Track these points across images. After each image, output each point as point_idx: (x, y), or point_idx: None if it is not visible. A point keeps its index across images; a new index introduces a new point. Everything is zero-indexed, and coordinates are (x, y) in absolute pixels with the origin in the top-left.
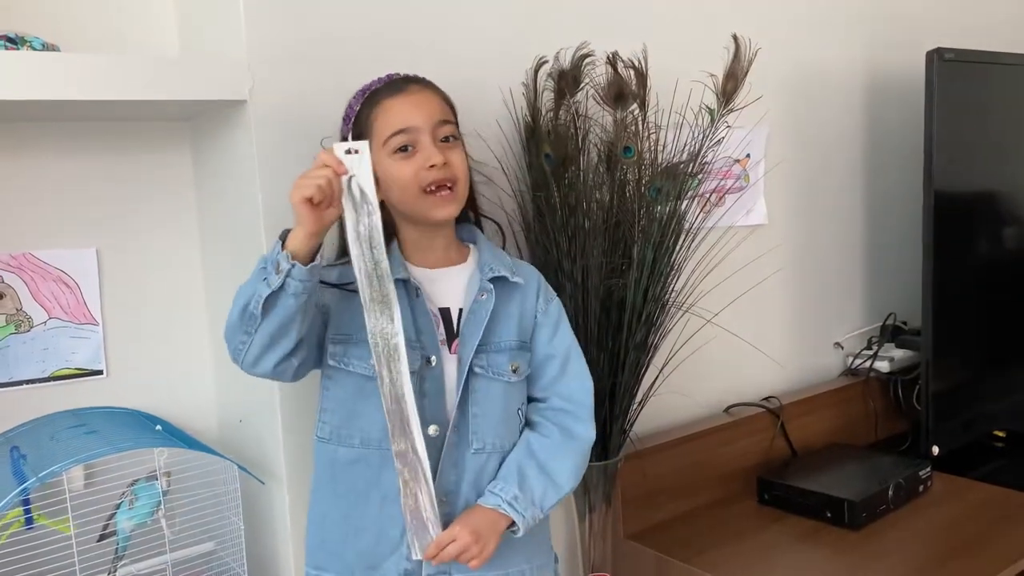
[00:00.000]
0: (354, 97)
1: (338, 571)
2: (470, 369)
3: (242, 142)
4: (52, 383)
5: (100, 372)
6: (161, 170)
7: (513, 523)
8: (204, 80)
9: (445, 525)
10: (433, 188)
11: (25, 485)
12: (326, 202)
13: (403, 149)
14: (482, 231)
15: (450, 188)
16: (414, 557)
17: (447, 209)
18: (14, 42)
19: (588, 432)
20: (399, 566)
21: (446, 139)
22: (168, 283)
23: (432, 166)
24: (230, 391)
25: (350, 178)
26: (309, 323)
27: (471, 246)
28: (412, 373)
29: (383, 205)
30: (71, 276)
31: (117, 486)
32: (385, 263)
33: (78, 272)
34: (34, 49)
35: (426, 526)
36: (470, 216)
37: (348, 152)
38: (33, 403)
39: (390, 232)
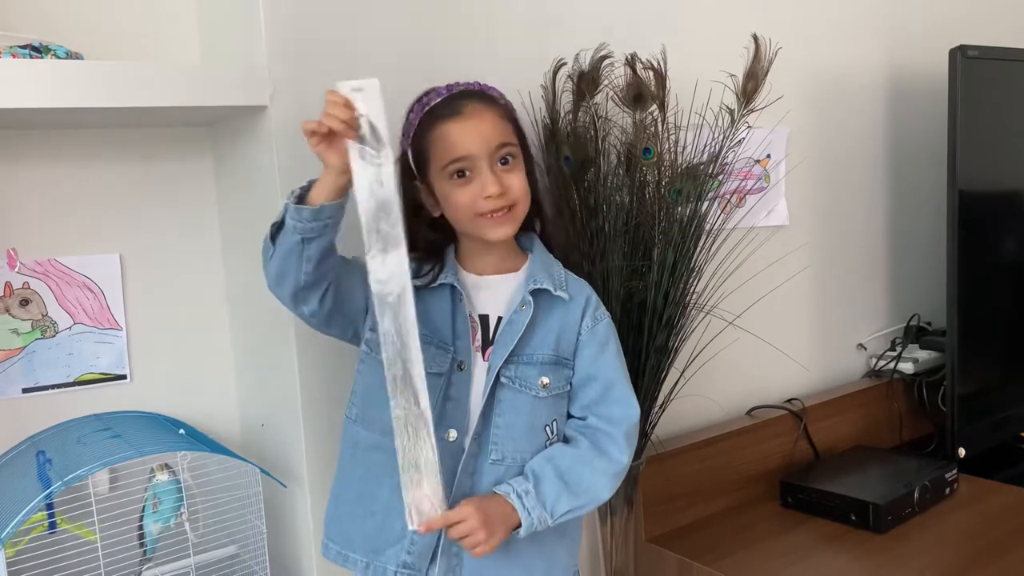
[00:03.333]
0: (412, 111)
1: (343, 546)
2: (497, 378)
3: (263, 147)
4: (77, 388)
5: (124, 377)
6: (183, 175)
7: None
8: (225, 86)
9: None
10: (489, 215)
11: (50, 489)
12: (344, 137)
13: (461, 174)
14: (548, 242)
15: (507, 210)
16: (411, 526)
17: (502, 230)
18: (38, 51)
19: (620, 455)
20: (399, 557)
21: (505, 160)
22: (190, 287)
23: (488, 196)
24: (252, 395)
25: (359, 118)
26: (314, 272)
27: (529, 254)
28: (440, 375)
29: (441, 217)
30: (95, 281)
31: (142, 490)
32: (396, 204)
33: (102, 277)
34: (58, 57)
35: (425, 492)
36: (535, 226)
37: (355, 90)
38: (58, 408)
39: (449, 237)
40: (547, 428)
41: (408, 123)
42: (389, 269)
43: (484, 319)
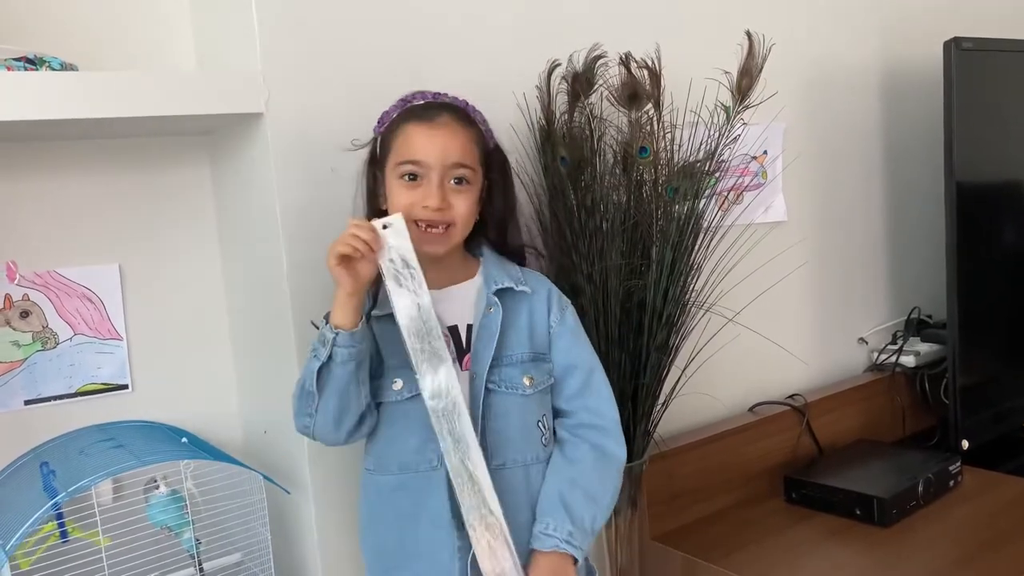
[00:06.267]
0: (395, 103)
1: None
2: (486, 386)
3: (260, 155)
4: (79, 398)
5: (125, 386)
6: (181, 184)
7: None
8: (221, 94)
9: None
10: (424, 227)
11: (55, 500)
12: (363, 262)
13: (411, 177)
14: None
15: (444, 228)
16: None
17: (433, 247)
18: (33, 63)
19: (621, 451)
20: None
21: (459, 181)
22: (190, 296)
23: (426, 207)
24: (254, 402)
25: (390, 249)
26: (368, 393)
27: (481, 258)
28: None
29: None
30: (95, 292)
31: (145, 499)
32: (435, 322)
33: (101, 288)
34: (53, 69)
35: None
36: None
37: (384, 227)
38: (61, 419)
39: None
40: (539, 424)
41: (386, 113)
42: (438, 383)
43: (453, 330)
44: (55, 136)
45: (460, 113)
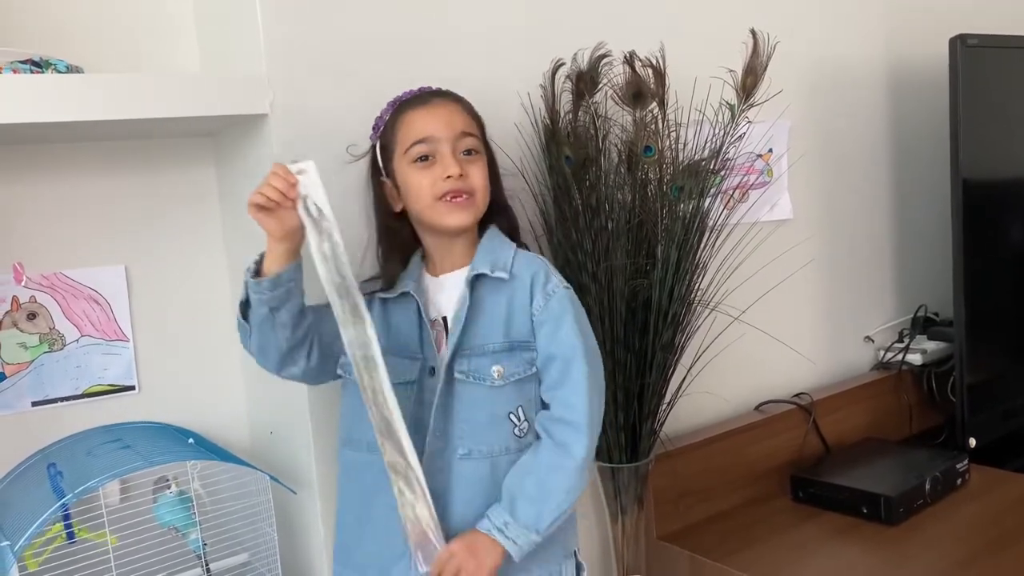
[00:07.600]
0: (385, 107)
1: (352, 571)
2: (452, 375)
3: (264, 156)
4: (86, 400)
5: (132, 388)
6: (186, 186)
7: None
8: (225, 95)
9: (447, 539)
10: (449, 197)
11: (63, 501)
12: (283, 207)
13: (423, 159)
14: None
15: (467, 196)
16: (421, 570)
17: (460, 216)
18: (39, 66)
19: (581, 451)
20: (407, 574)
21: (468, 152)
22: (196, 297)
23: (448, 176)
24: (260, 403)
25: (305, 198)
26: (292, 336)
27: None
28: (411, 383)
29: (403, 215)
30: (101, 294)
31: (152, 500)
32: (351, 277)
33: (108, 289)
34: (59, 72)
35: (427, 536)
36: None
37: (299, 173)
38: (68, 420)
39: (415, 243)
40: (511, 416)
41: (379, 117)
42: (358, 332)
43: (446, 321)
44: (60, 138)
45: (450, 94)
